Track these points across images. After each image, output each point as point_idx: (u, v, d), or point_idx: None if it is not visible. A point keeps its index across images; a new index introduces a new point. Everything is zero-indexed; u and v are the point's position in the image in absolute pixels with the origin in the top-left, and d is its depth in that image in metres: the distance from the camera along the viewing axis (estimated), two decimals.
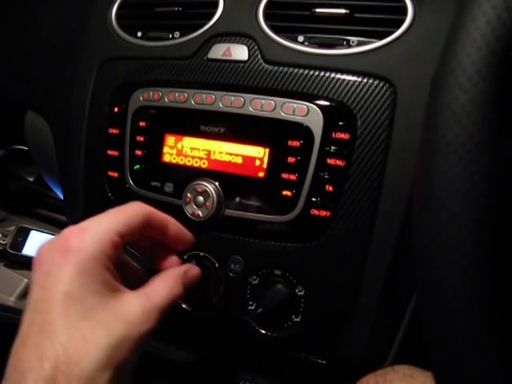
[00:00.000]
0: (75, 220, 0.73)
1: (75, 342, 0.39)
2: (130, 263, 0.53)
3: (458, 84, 0.31)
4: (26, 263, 1.11)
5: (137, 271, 0.55)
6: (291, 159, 0.57)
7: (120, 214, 0.47)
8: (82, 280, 0.42)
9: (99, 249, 0.44)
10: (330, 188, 0.55)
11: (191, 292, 0.54)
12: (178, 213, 0.59)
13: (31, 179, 1.24)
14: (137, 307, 0.44)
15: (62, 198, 0.82)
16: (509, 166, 0.31)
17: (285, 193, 0.57)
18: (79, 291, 0.41)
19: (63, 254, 0.43)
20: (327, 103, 0.56)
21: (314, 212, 0.56)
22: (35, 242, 1.12)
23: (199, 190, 0.60)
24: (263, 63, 0.60)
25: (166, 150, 0.63)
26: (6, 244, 1.10)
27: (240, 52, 0.61)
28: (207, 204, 0.59)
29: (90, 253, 0.43)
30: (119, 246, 0.46)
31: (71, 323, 0.40)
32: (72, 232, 0.45)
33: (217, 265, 0.61)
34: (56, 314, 0.40)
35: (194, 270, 0.54)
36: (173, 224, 0.54)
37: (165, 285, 0.49)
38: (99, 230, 0.45)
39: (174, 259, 0.57)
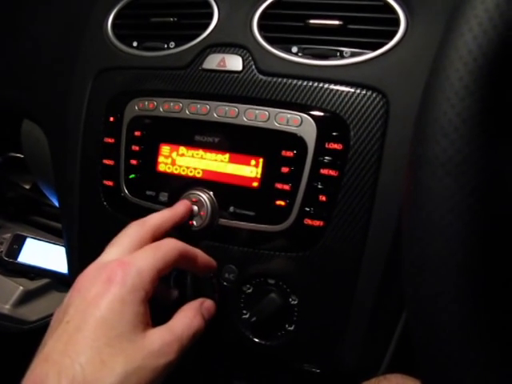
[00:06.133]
0: (70, 228, 0.74)
1: (93, 365, 0.40)
2: (160, 298, 0.55)
3: (446, 98, 0.31)
4: (22, 271, 1.11)
5: (166, 300, 0.57)
6: (285, 169, 0.57)
7: (158, 252, 0.49)
8: (119, 309, 0.44)
9: (139, 283, 0.45)
10: (323, 198, 0.56)
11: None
12: None
13: (27, 186, 1.24)
14: (157, 340, 0.45)
15: (58, 205, 0.82)
16: (496, 179, 0.32)
17: (278, 202, 0.57)
18: (113, 318, 0.43)
19: (105, 283, 0.45)
20: (320, 114, 0.57)
21: (308, 222, 0.56)
22: (31, 250, 1.12)
23: (194, 199, 0.60)
24: (257, 74, 0.60)
25: (160, 159, 0.63)
26: (1, 251, 1.10)
27: (234, 62, 0.62)
28: (201, 213, 0.59)
29: (130, 286, 0.45)
30: (156, 281, 0.48)
31: (95, 346, 0.41)
32: (116, 265, 0.47)
33: (211, 274, 0.61)
34: (84, 336, 0.42)
35: (207, 301, 0.56)
36: (201, 256, 0.56)
37: (184, 317, 0.51)
38: (142, 266, 0.47)
39: None
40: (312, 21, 0.59)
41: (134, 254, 0.48)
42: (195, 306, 0.53)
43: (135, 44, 0.69)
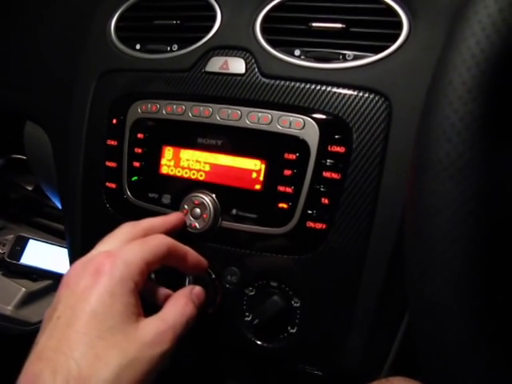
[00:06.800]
0: (73, 229, 0.74)
1: (88, 359, 0.40)
2: (151, 290, 0.55)
3: (449, 103, 0.32)
4: (24, 272, 1.12)
5: (157, 297, 0.56)
6: (287, 172, 0.57)
7: (146, 244, 0.49)
8: (108, 301, 0.43)
9: (128, 274, 0.45)
10: (325, 201, 0.56)
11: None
12: None
13: (30, 188, 1.25)
14: (151, 330, 0.45)
15: (60, 207, 0.82)
16: (499, 183, 0.32)
17: (281, 205, 0.57)
18: (103, 311, 0.43)
19: (94, 275, 0.45)
20: (323, 117, 0.57)
21: (310, 224, 0.56)
22: (33, 251, 1.12)
23: (196, 201, 0.60)
24: (260, 76, 0.60)
25: (163, 161, 0.63)
26: (4, 253, 1.10)
27: (237, 65, 0.62)
28: (204, 216, 0.60)
29: (118, 277, 0.45)
30: (145, 273, 0.48)
31: (88, 341, 0.41)
32: (104, 257, 0.47)
33: (213, 276, 0.61)
34: (76, 331, 0.42)
35: (197, 287, 0.56)
36: (191, 254, 0.56)
37: (176, 305, 0.51)
38: (129, 257, 0.47)
39: None
40: (315, 24, 0.59)
41: (121, 247, 0.49)
42: (185, 293, 0.53)
43: (138, 46, 0.69)
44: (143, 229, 0.53)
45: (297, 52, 0.60)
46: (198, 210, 0.60)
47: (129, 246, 0.49)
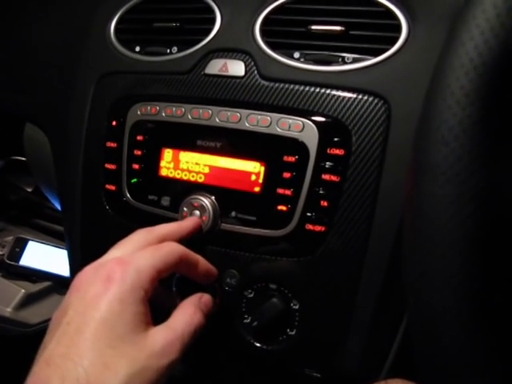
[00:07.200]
0: (72, 231, 0.74)
1: (97, 368, 0.40)
2: (160, 295, 0.54)
3: (447, 107, 0.32)
4: (24, 274, 1.12)
5: (166, 303, 0.56)
6: (286, 174, 0.57)
7: (158, 252, 0.49)
8: (118, 308, 0.43)
9: (138, 282, 0.45)
10: (324, 203, 0.56)
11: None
12: None
13: (29, 189, 1.25)
14: (160, 339, 0.45)
15: (60, 209, 0.82)
16: (497, 186, 0.32)
17: (280, 208, 0.58)
18: (113, 318, 0.43)
19: (104, 282, 0.45)
20: (322, 119, 0.57)
21: (309, 227, 0.57)
22: (33, 253, 1.12)
23: (195, 204, 0.60)
24: (259, 79, 0.61)
25: (162, 163, 0.64)
26: (3, 254, 1.10)
27: (237, 68, 0.62)
28: (203, 218, 0.60)
29: (129, 285, 0.45)
30: (156, 281, 0.47)
31: (97, 348, 0.41)
32: (115, 263, 0.46)
33: (212, 281, 0.61)
34: (85, 338, 0.42)
35: (205, 295, 0.56)
36: (202, 262, 0.56)
37: (184, 314, 0.50)
38: (141, 264, 0.47)
39: None
40: (314, 26, 0.59)
41: (133, 254, 0.48)
42: (193, 301, 0.53)
43: (138, 49, 0.69)
44: (158, 236, 0.53)
45: (296, 54, 0.60)
46: (197, 213, 0.60)
47: (141, 253, 0.48)
